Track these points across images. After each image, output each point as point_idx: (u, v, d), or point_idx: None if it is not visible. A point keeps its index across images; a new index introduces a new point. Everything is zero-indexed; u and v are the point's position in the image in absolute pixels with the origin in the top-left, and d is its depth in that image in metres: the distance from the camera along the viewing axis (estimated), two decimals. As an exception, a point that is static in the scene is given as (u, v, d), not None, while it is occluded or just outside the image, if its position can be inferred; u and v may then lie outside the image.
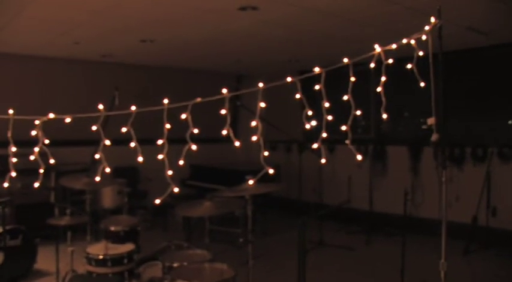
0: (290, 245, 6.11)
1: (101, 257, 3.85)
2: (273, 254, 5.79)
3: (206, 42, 6.06)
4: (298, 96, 3.12)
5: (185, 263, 3.62)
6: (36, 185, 2.95)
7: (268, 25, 5.15)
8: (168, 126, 2.74)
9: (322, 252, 6.15)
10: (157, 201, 3.12)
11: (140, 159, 2.87)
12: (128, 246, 4.03)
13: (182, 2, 4.29)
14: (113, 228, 4.20)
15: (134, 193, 6.61)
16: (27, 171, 3.25)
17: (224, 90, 2.81)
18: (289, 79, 3.08)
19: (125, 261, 3.87)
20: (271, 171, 3.02)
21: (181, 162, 2.89)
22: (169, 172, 2.89)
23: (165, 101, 2.76)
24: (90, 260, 3.85)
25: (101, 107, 2.75)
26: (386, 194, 7.30)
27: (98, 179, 2.84)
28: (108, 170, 2.81)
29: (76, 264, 4.34)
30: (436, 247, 3.05)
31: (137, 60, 7.51)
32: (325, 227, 6.60)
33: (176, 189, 2.98)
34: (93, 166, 4.64)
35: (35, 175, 2.94)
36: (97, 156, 2.79)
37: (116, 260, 3.83)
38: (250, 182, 3.04)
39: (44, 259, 5.31)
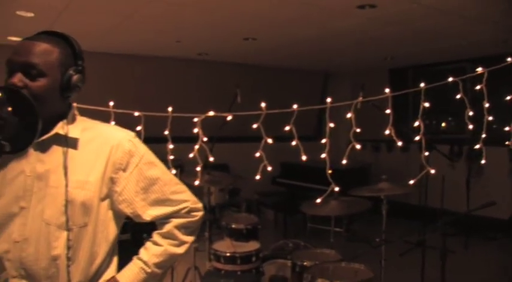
0: (401, 245, 6.06)
1: (228, 254, 3.88)
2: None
3: (309, 41, 6.03)
4: (458, 96, 3.06)
5: (317, 262, 3.60)
6: (197, 182, 3.01)
7: (381, 23, 5.07)
8: (331, 125, 2.72)
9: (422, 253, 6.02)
10: (318, 201, 3.12)
11: (304, 157, 2.86)
12: (255, 244, 4.05)
13: (299, -1, 4.28)
14: (234, 226, 4.22)
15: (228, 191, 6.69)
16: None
17: (387, 90, 2.77)
18: (450, 79, 3.02)
19: (253, 259, 3.89)
20: (432, 171, 2.96)
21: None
22: (329, 171, 2.88)
23: (328, 99, 2.74)
24: (219, 257, 3.89)
25: (263, 105, 2.75)
26: (482, 196, 7.05)
27: (257, 177, 2.85)
28: (269, 168, 2.81)
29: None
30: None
31: (233, 58, 7.56)
32: (419, 227, 6.49)
33: (336, 189, 2.97)
34: (208, 163, 4.68)
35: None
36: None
37: (245, 258, 3.86)
38: (411, 182, 2.97)
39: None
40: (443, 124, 8.25)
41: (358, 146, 2.73)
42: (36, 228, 1.56)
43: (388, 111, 2.78)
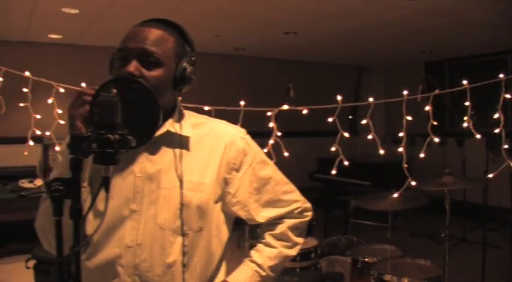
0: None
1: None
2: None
3: (349, 34, 5.96)
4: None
5: (378, 258, 3.53)
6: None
7: (424, 14, 4.97)
8: (409, 118, 2.66)
9: (468, 248, 5.94)
10: (395, 195, 3.07)
11: (382, 151, 2.80)
12: (312, 241, 3.99)
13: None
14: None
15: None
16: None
17: (464, 82, 2.69)
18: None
19: (312, 255, 3.83)
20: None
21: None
22: (405, 165, 2.82)
23: (405, 92, 2.67)
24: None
25: (339, 97, 2.70)
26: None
27: (333, 172, 2.79)
28: (346, 163, 2.76)
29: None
30: None
31: (269, 53, 7.51)
32: (459, 223, 6.38)
33: (413, 183, 2.91)
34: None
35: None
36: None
37: (305, 255, 3.79)
38: (490, 175, 2.90)
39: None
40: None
41: (436, 139, 2.66)
42: (150, 232, 1.46)
43: (467, 103, 2.70)
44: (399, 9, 4.76)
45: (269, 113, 2.71)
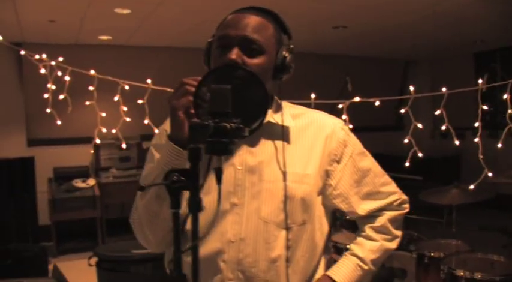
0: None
1: (348, 246, 3.77)
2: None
3: (399, 27, 5.82)
4: None
5: (445, 253, 3.44)
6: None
7: (483, 2, 4.82)
8: (485, 107, 2.58)
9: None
10: (471, 187, 2.99)
11: (457, 142, 2.74)
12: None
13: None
14: (349, 217, 4.10)
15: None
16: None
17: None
18: None
19: (372, 251, 3.77)
20: None
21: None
22: (481, 156, 2.74)
23: (479, 80, 2.58)
24: (340, 249, 3.77)
25: (411, 88, 2.64)
26: None
27: (407, 164, 2.74)
28: (420, 154, 2.71)
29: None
30: None
31: (316, 48, 7.39)
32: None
33: (490, 174, 2.83)
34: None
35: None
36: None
37: (366, 250, 3.74)
38: None
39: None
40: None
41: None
42: (253, 226, 1.42)
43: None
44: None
45: (340, 105, 2.66)
